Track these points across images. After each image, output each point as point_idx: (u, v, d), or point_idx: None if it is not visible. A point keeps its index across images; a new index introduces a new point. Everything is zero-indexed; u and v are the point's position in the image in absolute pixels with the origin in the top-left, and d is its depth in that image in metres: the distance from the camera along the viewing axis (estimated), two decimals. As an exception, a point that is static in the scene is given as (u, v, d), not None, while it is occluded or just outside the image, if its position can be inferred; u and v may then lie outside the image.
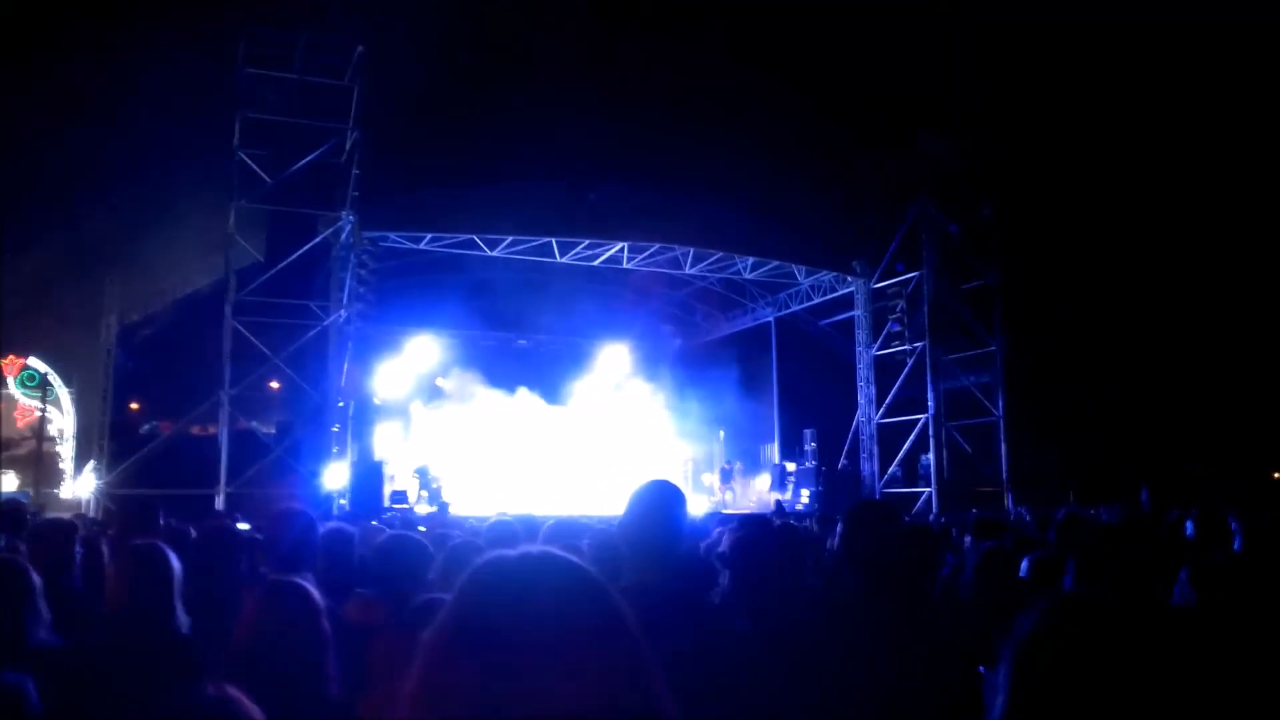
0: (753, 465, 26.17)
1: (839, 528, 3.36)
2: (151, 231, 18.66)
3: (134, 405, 21.08)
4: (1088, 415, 22.24)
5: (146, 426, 21.07)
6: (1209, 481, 19.29)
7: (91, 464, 18.80)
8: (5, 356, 20.14)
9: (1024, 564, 3.58)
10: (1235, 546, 5.11)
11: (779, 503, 20.28)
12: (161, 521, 5.50)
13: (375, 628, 3.19)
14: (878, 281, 22.18)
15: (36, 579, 2.53)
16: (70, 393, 20.44)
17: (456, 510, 19.59)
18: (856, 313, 22.87)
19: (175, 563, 2.68)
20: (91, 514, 15.87)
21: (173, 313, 19.84)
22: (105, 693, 2.20)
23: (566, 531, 5.93)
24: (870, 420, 22.44)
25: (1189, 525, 5.68)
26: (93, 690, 2.24)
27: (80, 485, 19.02)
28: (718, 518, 11.14)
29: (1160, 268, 21.52)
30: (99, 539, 5.33)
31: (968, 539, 5.90)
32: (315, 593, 3.10)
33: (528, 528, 5.93)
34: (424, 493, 20.78)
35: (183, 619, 2.59)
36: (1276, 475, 24.10)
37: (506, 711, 1.13)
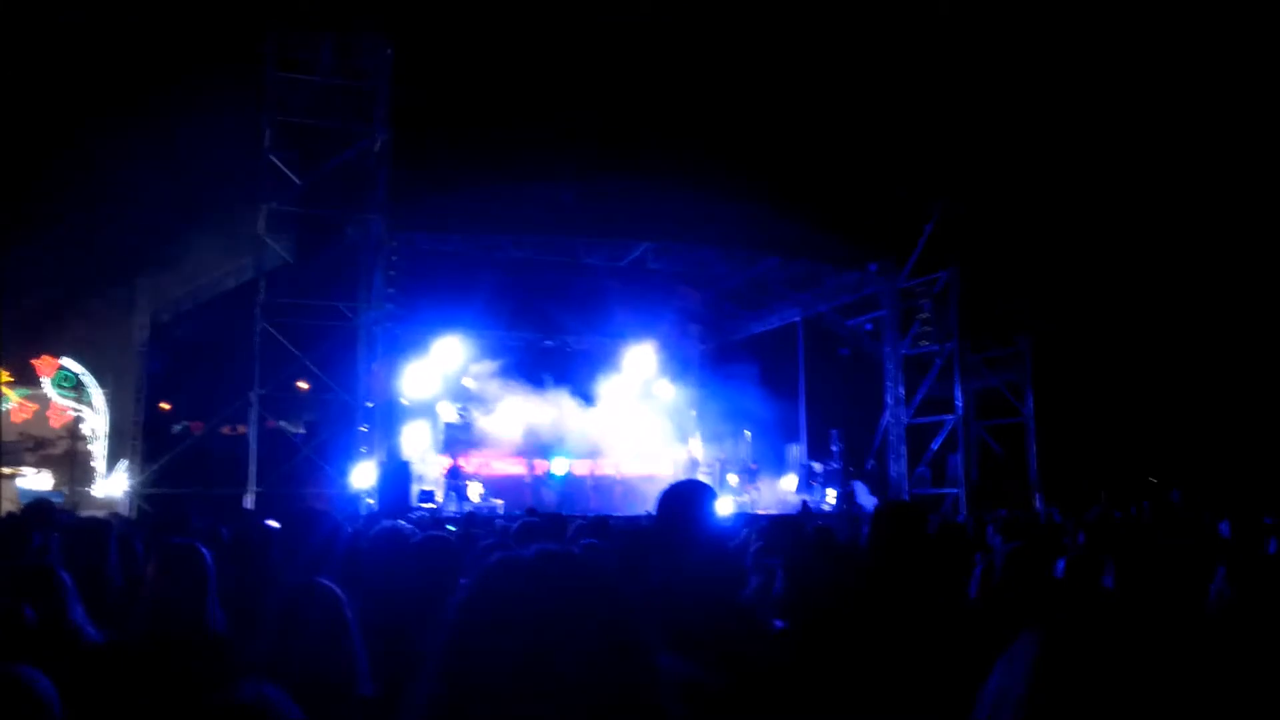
0: (778, 465, 26.09)
1: (866, 529, 3.35)
2: (183, 233, 18.87)
3: (165, 405, 21.31)
4: (1118, 415, 22.01)
5: (178, 426, 21.29)
6: (1241, 483, 19.05)
7: (124, 464, 19.03)
8: (40, 357, 20.42)
9: (1059, 565, 3.55)
10: (1270, 548, 5.05)
11: (805, 503, 20.19)
12: (194, 522, 5.56)
13: (408, 626, 3.22)
14: (905, 281, 22.04)
15: (68, 580, 2.57)
16: (104, 393, 20.69)
17: (485, 509, 19.71)
18: (883, 312, 22.73)
19: (210, 562, 2.72)
20: (125, 513, 16.06)
21: (203, 314, 20.04)
22: (142, 689, 2.23)
23: (593, 531, 5.95)
24: (899, 420, 22.32)
25: (1224, 526, 5.63)
26: (130, 686, 2.28)
27: (113, 484, 19.25)
28: (744, 518, 11.13)
29: (1193, 267, 21.25)
30: (134, 538, 5.40)
31: (999, 539, 5.86)
32: (340, 592, 3.13)
33: (555, 527, 5.97)
34: (453, 493, 20.88)
35: (218, 617, 2.63)
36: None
37: (517, 706, 1.15)
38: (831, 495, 22.43)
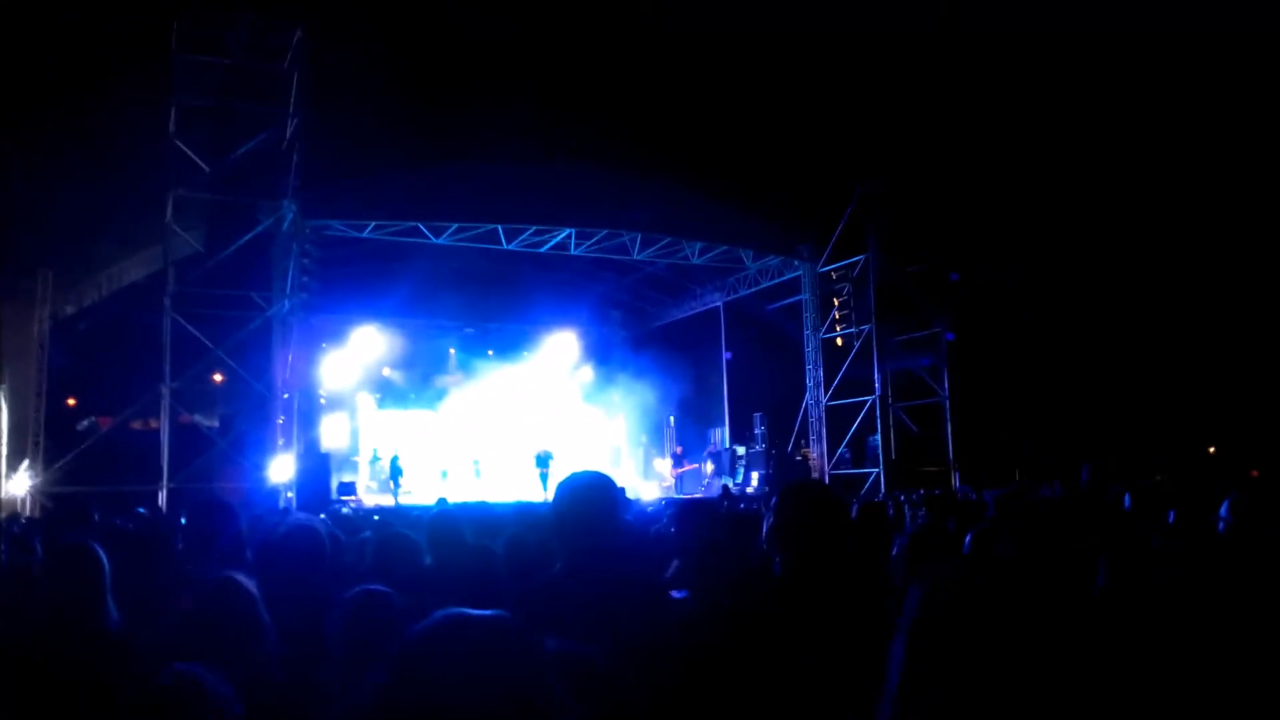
0: (703, 449, 26.29)
1: (771, 508, 3.36)
2: (86, 223, 18.17)
3: (71, 401, 20.59)
4: (1033, 394, 22.65)
5: (85, 422, 20.59)
6: (1150, 457, 19.76)
7: (26, 462, 18.32)
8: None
9: (966, 539, 3.62)
10: (1169, 520, 5.23)
11: (725, 487, 20.39)
12: (96, 518, 5.38)
13: (318, 615, 3.16)
14: (824, 265, 22.33)
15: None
16: (2, 389, 19.85)
17: (409, 499, 19.50)
18: (803, 296, 23.01)
19: (104, 559, 2.62)
20: (28, 513, 15.49)
21: (110, 306, 19.36)
22: (36, 686, 2.16)
23: (517, 518, 5.92)
24: (819, 402, 22.64)
25: (1126, 499, 5.82)
26: (23, 684, 2.20)
27: (15, 484, 18.52)
28: (669, 503, 11.17)
29: (1104, 248, 21.93)
30: (31, 537, 5.21)
31: (920, 516, 5.97)
32: (254, 589, 3.06)
33: (474, 516, 5.91)
34: (373, 484, 20.62)
35: (113, 615, 2.53)
36: (1211, 450, 24.77)
37: None
38: (755, 478, 22.69)
